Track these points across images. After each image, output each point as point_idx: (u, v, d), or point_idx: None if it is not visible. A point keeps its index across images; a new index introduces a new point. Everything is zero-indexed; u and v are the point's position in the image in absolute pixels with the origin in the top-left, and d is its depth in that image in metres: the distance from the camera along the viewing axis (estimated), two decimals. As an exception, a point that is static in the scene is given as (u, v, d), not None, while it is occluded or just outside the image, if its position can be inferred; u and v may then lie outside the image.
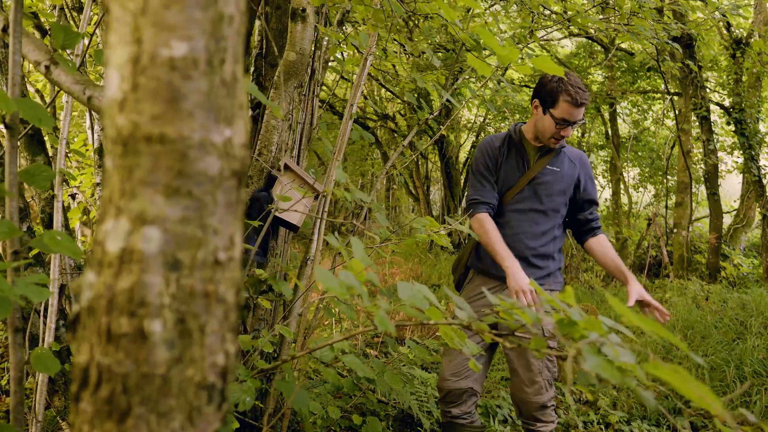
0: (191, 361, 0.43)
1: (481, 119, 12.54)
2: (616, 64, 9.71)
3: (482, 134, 11.78)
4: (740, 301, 5.74)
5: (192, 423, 0.43)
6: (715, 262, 7.20)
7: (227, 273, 0.45)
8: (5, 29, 1.11)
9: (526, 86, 9.72)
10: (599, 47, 9.42)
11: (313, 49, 2.80)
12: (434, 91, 2.06)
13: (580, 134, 11.21)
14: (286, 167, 2.52)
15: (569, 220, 2.68)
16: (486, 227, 2.44)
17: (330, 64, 4.39)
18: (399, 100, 12.10)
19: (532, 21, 4.59)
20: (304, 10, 2.48)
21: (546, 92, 2.38)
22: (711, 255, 7.24)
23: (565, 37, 9.02)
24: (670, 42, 3.85)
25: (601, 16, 4.59)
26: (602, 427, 3.71)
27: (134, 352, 0.41)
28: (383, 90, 12.66)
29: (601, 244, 2.56)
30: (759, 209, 7.03)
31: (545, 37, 8.19)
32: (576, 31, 7.20)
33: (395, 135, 12.16)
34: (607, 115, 10.16)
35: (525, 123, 2.61)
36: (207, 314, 0.44)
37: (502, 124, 10.95)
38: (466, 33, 1.75)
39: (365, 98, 13.67)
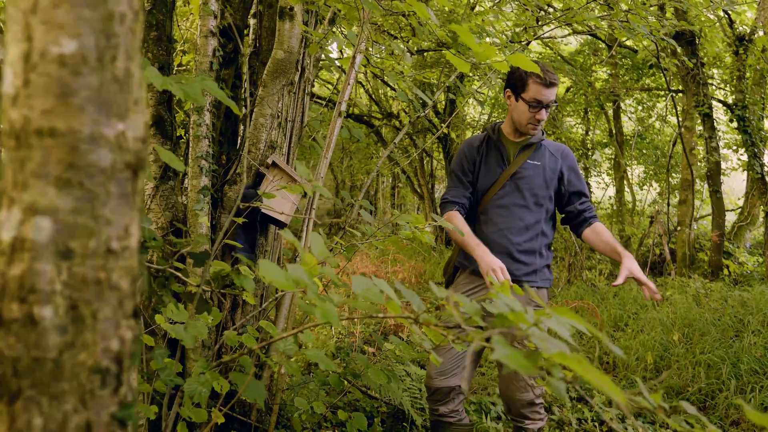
0: (84, 346, 0.45)
1: (486, 117, 12.52)
2: (620, 62, 9.67)
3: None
4: (741, 299, 5.71)
5: (85, 406, 0.45)
6: (717, 260, 7.16)
7: (121, 261, 0.46)
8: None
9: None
10: (603, 45, 9.39)
11: (302, 47, 2.81)
12: (407, 89, 2.07)
13: (584, 132, 11.17)
14: (274, 164, 2.54)
15: (563, 216, 2.68)
16: (455, 222, 2.49)
17: (332, 62, 4.41)
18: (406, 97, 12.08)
19: (537, 21, 4.58)
20: (291, 9, 2.49)
21: (515, 79, 2.44)
22: (713, 253, 7.20)
23: (569, 34, 8.99)
24: (665, 38, 3.84)
25: (602, 13, 4.58)
26: (596, 424, 3.71)
27: (25, 337, 0.43)
28: (388, 88, 12.67)
29: (595, 231, 2.55)
30: (762, 207, 6.98)
31: (547, 35, 8.16)
32: (579, 28, 7.18)
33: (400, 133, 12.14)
34: (611, 113, 10.12)
35: (503, 121, 2.64)
36: (100, 301, 0.45)
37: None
38: (445, 30, 1.77)
39: (370, 97, 13.70)
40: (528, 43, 9.85)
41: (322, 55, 3.05)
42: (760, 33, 7.19)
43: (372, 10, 1.51)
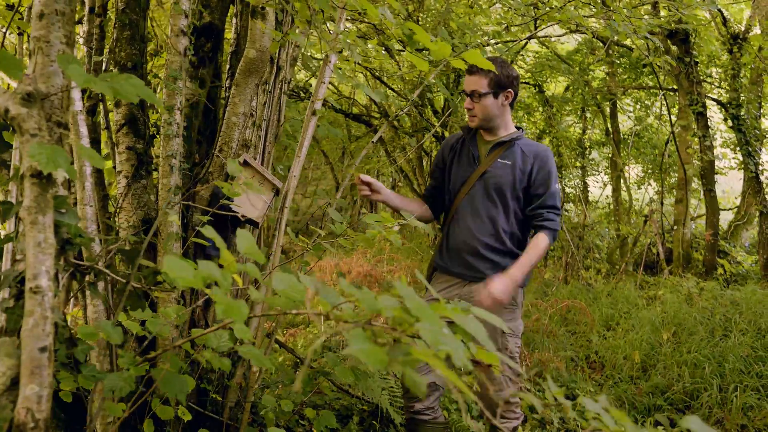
0: None
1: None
2: (617, 61, 9.64)
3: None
4: (732, 298, 5.69)
5: None
6: (711, 259, 7.14)
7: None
8: None
9: (525, 83, 9.68)
10: (601, 44, 9.36)
11: (278, 46, 2.82)
12: (369, 89, 2.08)
13: (581, 131, 11.14)
14: (246, 163, 2.55)
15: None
16: None
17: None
18: (402, 98, 12.06)
19: (536, 22, 4.57)
20: (263, 8, 2.50)
21: None
22: (707, 252, 7.18)
23: (565, 33, 8.97)
24: (649, 36, 3.83)
25: (588, 12, 4.57)
26: (579, 423, 3.71)
27: None
28: (388, 88, 12.65)
29: (531, 241, 2.50)
30: (756, 206, 6.95)
31: (541, 33, 8.14)
32: (574, 27, 7.16)
33: (398, 132, 12.16)
34: (608, 111, 10.09)
35: None
36: None
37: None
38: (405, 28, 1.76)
39: (371, 100, 13.67)
40: (526, 44, 9.82)
41: (299, 55, 3.06)
42: (755, 31, 7.16)
43: (322, 7, 1.52)
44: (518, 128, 2.61)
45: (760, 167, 7.02)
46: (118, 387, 1.00)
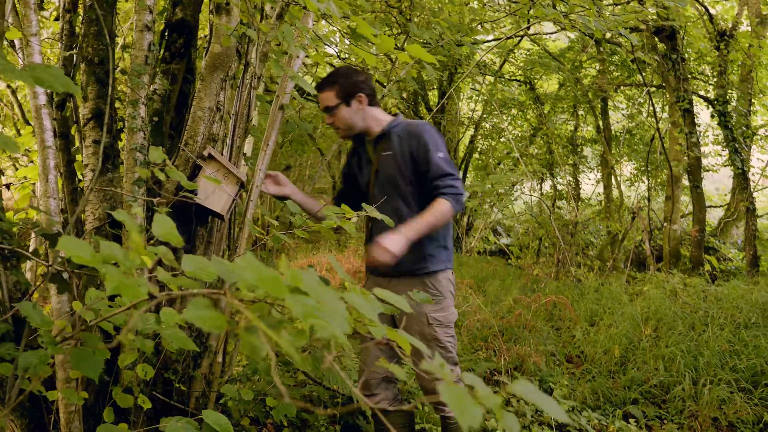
0: None
1: (478, 113, 12.51)
2: (607, 58, 9.66)
3: (478, 129, 11.76)
4: (716, 293, 5.71)
5: None
6: (697, 255, 7.16)
7: None
8: None
9: (516, 80, 9.69)
10: (592, 41, 9.37)
11: (246, 42, 2.86)
12: None
13: (573, 128, 11.16)
14: (210, 157, 2.58)
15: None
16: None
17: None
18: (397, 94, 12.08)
19: (529, 23, 4.60)
20: (227, 3, 2.53)
21: None
22: (694, 248, 7.19)
23: (557, 31, 8.99)
24: (622, 33, 3.86)
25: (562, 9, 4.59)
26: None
27: None
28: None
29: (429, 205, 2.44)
30: (742, 202, 6.96)
31: (531, 31, 8.16)
32: (559, 23, 7.18)
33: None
34: (599, 109, 10.10)
35: None
36: None
37: (496, 120, 10.93)
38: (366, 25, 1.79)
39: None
40: (520, 41, 9.80)
41: (269, 50, 3.08)
42: (743, 27, 7.17)
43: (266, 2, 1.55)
44: (395, 115, 2.61)
45: (748, 164, 7.04)
46: (32, 365, 1.04)
